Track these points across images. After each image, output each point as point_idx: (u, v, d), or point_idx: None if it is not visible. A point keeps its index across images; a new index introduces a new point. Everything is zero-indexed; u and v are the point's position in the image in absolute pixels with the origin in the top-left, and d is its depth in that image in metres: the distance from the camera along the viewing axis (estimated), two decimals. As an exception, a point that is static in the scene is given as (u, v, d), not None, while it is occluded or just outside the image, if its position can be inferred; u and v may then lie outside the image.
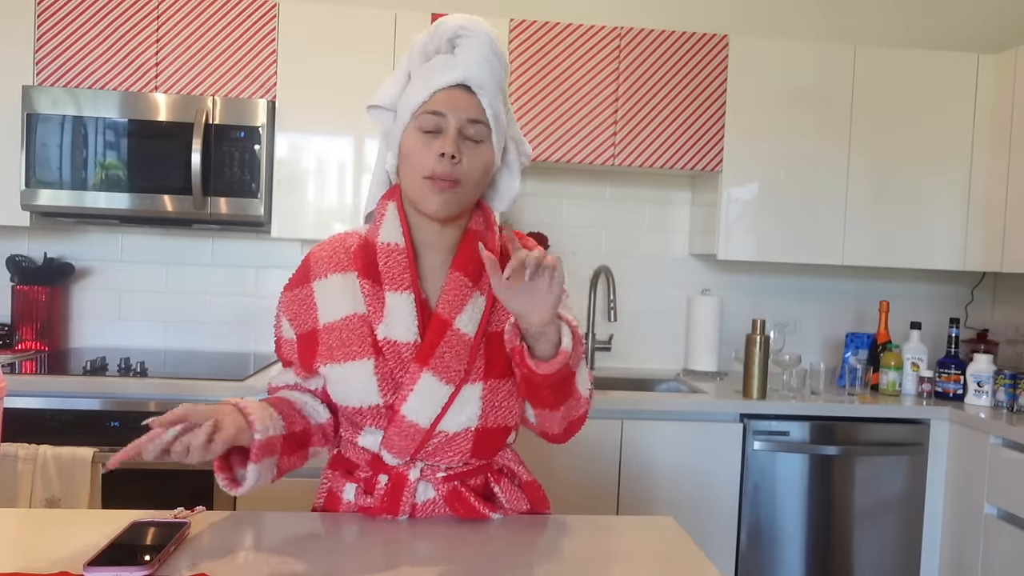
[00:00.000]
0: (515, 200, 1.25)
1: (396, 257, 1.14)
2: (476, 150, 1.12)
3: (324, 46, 2.60)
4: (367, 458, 1.18)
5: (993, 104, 2.84)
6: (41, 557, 0.98)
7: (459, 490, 1.18)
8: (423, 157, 1.10)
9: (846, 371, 2.75)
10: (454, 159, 1.08)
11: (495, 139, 1.13)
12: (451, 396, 1.11)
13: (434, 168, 1.09)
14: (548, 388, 1.08)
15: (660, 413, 2.48)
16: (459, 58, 1.11)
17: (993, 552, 2.38)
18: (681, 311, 3.12)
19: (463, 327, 1.12)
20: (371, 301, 1.13)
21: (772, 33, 3.12)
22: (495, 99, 1.12)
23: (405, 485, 1.16)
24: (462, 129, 1.10)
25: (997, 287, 3.26)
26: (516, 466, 1.26)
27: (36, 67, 2.55)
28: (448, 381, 1.11)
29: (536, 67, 2.70)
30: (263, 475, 1.07)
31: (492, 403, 1.14)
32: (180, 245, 2.94)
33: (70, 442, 2.18)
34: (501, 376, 1.15)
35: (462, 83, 1.10)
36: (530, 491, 1.27)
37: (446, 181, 1.09)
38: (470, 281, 1.15)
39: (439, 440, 1.14)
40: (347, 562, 1.02)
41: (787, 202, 2.79)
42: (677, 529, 1.21)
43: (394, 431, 1.12)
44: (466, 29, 1.11)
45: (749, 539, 2.52)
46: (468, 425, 1.13)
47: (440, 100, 1.10)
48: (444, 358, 1.10)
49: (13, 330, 2.74)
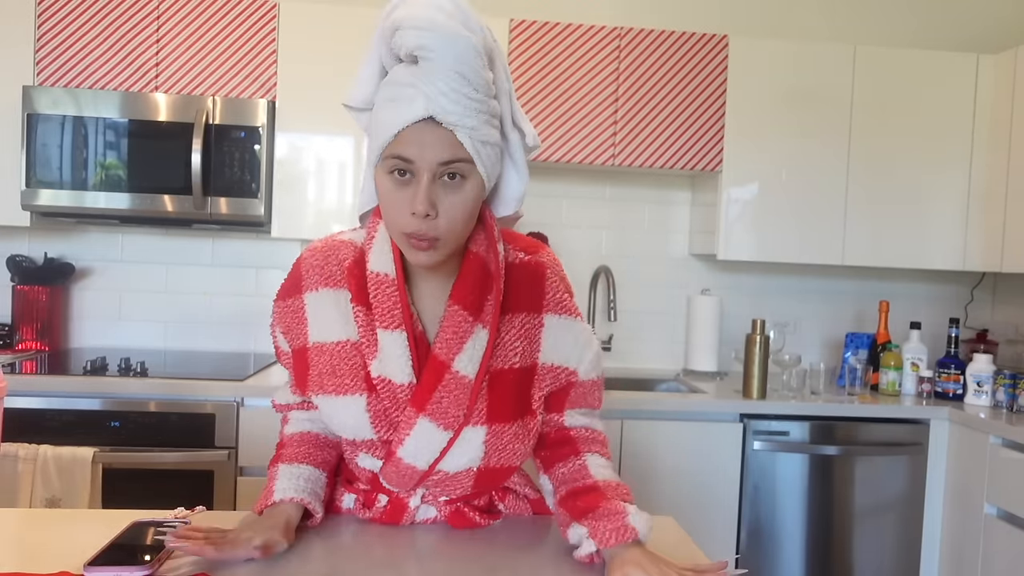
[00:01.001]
0: (521, 201, 1.08)
1: (386, 290, 1.02)
2: (458, 192, 0.94)
3: (324, 46, 2.61)
4: (367, 476, 1.12)
5: (993, 104, 2.84)
6: (41, 557, 0.98)
7: (462, 510, 1.15)
8: (396, 211, 0.95)
9: (846, 371, 2.75)
10: (428, 216, 0.93)
11: (483, 168, 0.96)
12: (450, 441, 1.03)
13: (408, 225, 0.94)
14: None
15: (660, 413, 2.48)
16: (420, 81, 0.91)
17: (993, 552, 2.38)
18: (681, 311, 3.12)
19: (462, 369, 1.01)
20: (364, 332, 1.03)
21: (772, 33, 3.12)
22: (476, 127, 0.93)
23: (406, 509, 1.13)
24: (436, 172, 0.93)
25: (997, 287, 3.26)
26: (523, 488, 1.23)
27: (36, 67, 2.55)
28: (447, 427, 1.02)
29: (536, 67, 2.70)
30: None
31: (496, 447, 1.04)
32: (180, 245, 2.94)
33: (70, 442, 2.18)
34: (506, 420, 1.04)
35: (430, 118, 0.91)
36: (536, 508, 1.24)
37: (424, 241, 0.94)
38: (470, 316, 1.02)
39: (439, 477, 1.08)
40: (347, 562, 1.02)
41: (787, 202, 2.79)
42: (677, 529, 1.21)
43: (391, 469, 1.06)
44: (425, 49, 0.90)
45: (749, 539, 2.52)
46: (470, 466, 1.05)
47: (407, 141, 0.92)
48: (442, 403, 1.01)
49: (13, 330, 2.74)
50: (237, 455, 2.29)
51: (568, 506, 1.05)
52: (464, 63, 0.91)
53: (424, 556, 1.06)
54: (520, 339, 1.06)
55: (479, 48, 0.92)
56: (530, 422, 1.07)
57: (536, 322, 1.07)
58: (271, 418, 2.30)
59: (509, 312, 1.06)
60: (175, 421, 2.26)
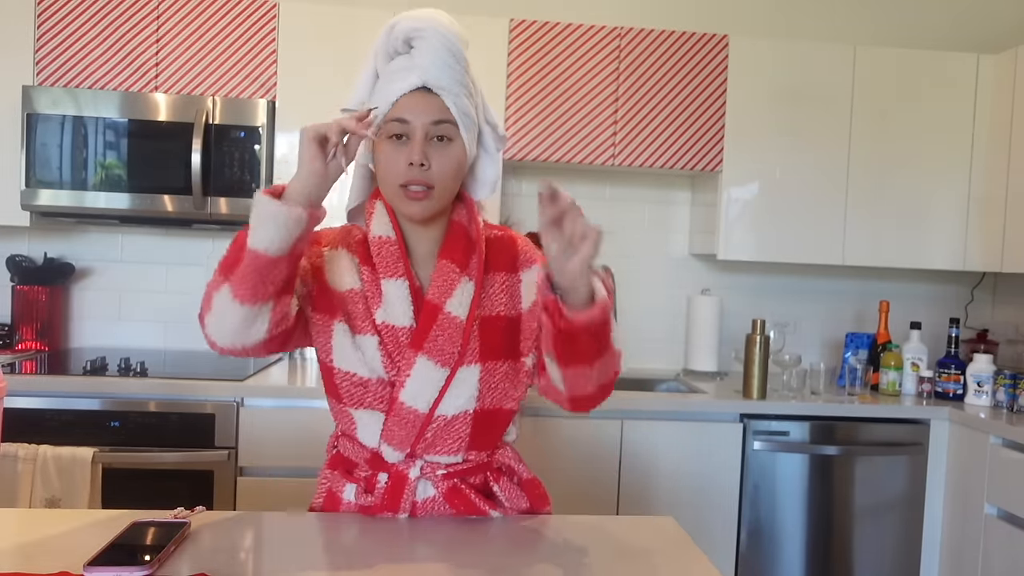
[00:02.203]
0: (496, 186, 1.27)
1: (388, 248, 1.18)
2: (446, 150, 1.13)
3: (324, 46, 2.61)
4: (366, 456, 1.19)
5: (993, 104, 2.84)
6: (41, 557, 0.98)
7: (459, 487, 1.19)
8: (394, 166, 1.13)
9: (846, 371, 2.75)
10: (423, 166, 1.11)
11: (464, 134, 1.14)
12: (447, 379, 1.14)
13: (406, 176, 1.11)
14: (587, 337, 1.03)
15: (660, 413, 2.48)
16: (416, 60, 1.13)
17: (993, 552, 2.38)
18: (681, 311, 3.12)
19: (454, 310, 1.15)
20: (370, 287, 1.17)
21: (772, 33, 3.12)
22: (459, 96, 1.13)
23: (405, 484, 1.17)
24: (428, 132, 1.12)
25: (997, 287, 3.26)
26: (516, 464, 1.27)
27: (36, 67, 2.55)
28: (443, 364, 1.14)
29: (536, 67, 2.70)
30: (279, 232, 1.02)
31: (489, 384, 1.17)
32: (180, 245, 2.94)
33: (70, 442, 2.18)
34: (497, 358, 1.18)
35: (423, 86, 1.12)
36: (530, 489, 1.27)
37: (419, 189, 1.12)
38: (457, 267, 1.18)
39: (438, 426, 1.16)
40: (347, 562, 1.02)
41: (787, 202, 2.79)
42: (677, 529, 1.21)
43: (393, 420, 1.15)
44: (419, 30, 1.13)
45: (749, 539, 2.52)
46: (466, 408, 1.16)
47: (403, 106, 1.12)
48: (437, 341, 1.14)
49: (13, 330, 2.74)
50: (237, 455, 2.29)
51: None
52: (451, 44, 1.13)
53: (423, 555, 1.06)
54: (502, 293, 1.21)
55: (458, 32, 1.15)
56: (520, 367, 1.21)
57: (514, 280, 1.24)
58: (271, 418, 2.30)
59: (491, 271, 1.22)
60: (175, 421, 2.26)
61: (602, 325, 1.02)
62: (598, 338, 1.04)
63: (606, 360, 1.08)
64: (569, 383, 1.11)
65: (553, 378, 1.14)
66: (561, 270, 0.98)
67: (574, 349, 1.05)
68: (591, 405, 1.17)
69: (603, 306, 1.01)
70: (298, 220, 1.02)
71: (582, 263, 0.96)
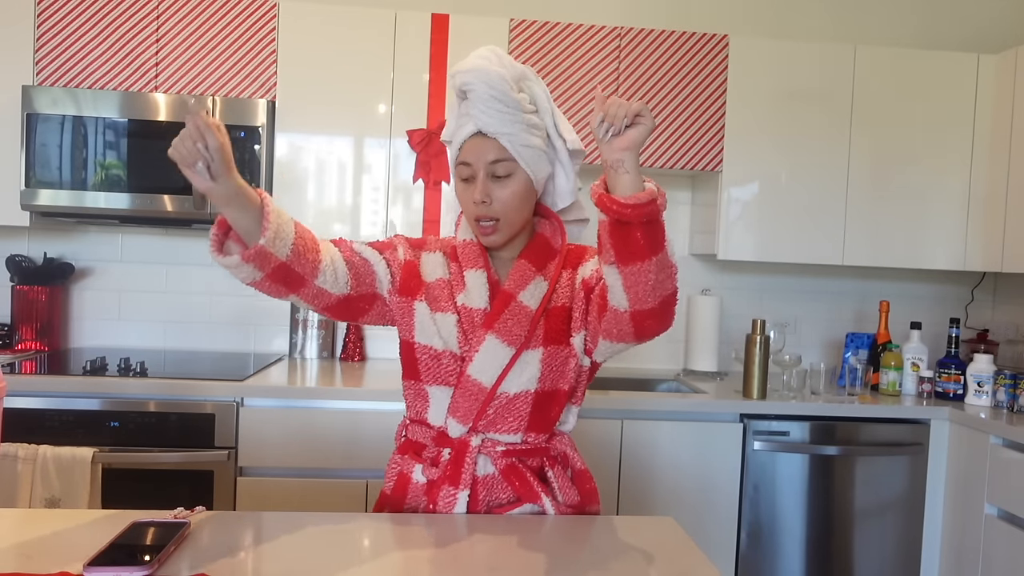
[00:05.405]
0: (574, 192, 1.39)
1: (472, 248, 1.34)
2: (507, 185, 1.27)
3: (324, 46, 2.61)
4: (433, 435, 1.30)
5: (993, 104, 2.84)
6: (41, 557, 0.98)
7: (516, 466, 1.28)
8: (466, 205, 1.30)
9: (846, 371, 2.75)
10: (486, 203, 1.26)
11: (526, 165, 1.27)
12: (512, 358, 1.25)
13: (475, 212, 1.28)
14: (640, 228, 1.05)
15: (660, 413, 2.48)
16: (471, 109, 1.27)
17: (993, 552, 2.38)
18: (681, 311, 3.12)
19: (525, 300, 1.28)
20: (456, 277, 1.33)
21: (772, 33, 3.12)
22: (513, 134, 1.26)
23: (467, 451, 1.25)
24: (489, 171, 1.26)
25: (997, 287, 3.26)
26: (571, 452, 1.34)
27: (36, 67, 2.55)
28: (510, 344, 1.25)
29: (536, 67, 2.69)
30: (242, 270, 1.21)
31: (551, 366, 1.27)
32: (180, 245, 2.94)
33: (70, 442, 2.18)
34: (559, 343, 1.28)
35: (478, 132, 1.26)
36: (581, 482, 1.34)
37: (488, 224, 1.28)
38: (534, 267, 1.31)
39: (500, 403, 1.26)
40: (348, 562, 1.02)
41: (787, 202, 2.79)
42: (677, 529, 1.21)
43: (460, 392, 1.26)
44: (467, 83, 1.26)
45: (749, 539, 2.52)
46: (528, 387, 1.26)
47: (467, 150, 1.28)
48: (507, 324, 1.26)
49: (13, 330, 2.74)
50: (237, 455, 2.29)
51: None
52: (495, 88, 1.24)
53: (425, 554, 1.06)
54: (567, 287, 1.33)
55: (506, 77, 1.25)
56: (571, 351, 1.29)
57: (575, 274, 1.35)
58: (271, 418, 2.30)
59: (563, 270, 1.35)
60: (175, 421, 2.26)
61: (654, 213, 1.05)
62: (652, 230, 1.06)
63: (663, 261, 1.09)
64: (630, 290, 1.10)
65: (614, 294, 1.13)
66: (610, 147, 1.04)
67: (629, 240, 1.06)
68: (655, 325, 1.15)
69: (653, 193, 1.04)
70: (248, 259, 1.19)
71: (630, 140, 1.03)
